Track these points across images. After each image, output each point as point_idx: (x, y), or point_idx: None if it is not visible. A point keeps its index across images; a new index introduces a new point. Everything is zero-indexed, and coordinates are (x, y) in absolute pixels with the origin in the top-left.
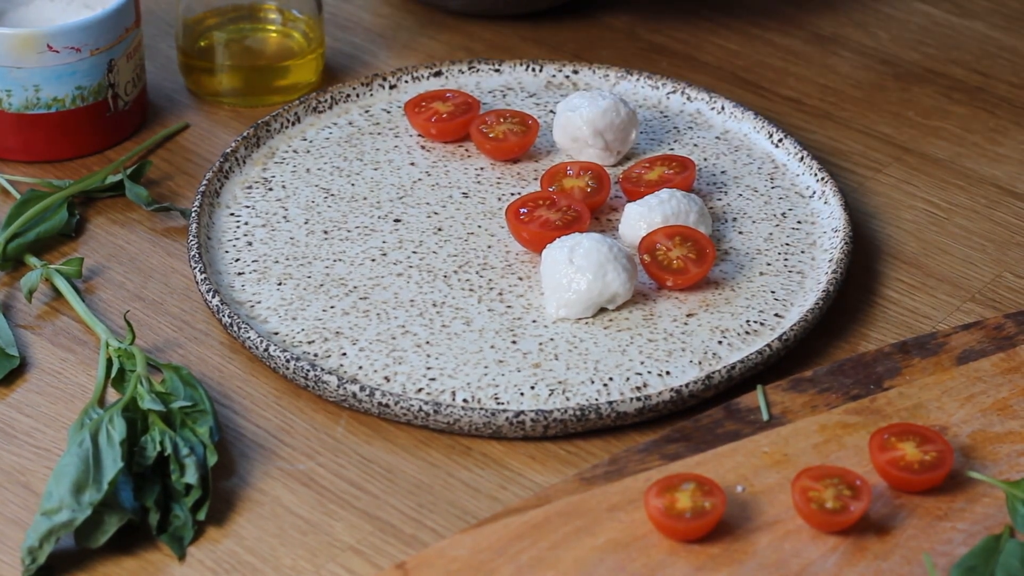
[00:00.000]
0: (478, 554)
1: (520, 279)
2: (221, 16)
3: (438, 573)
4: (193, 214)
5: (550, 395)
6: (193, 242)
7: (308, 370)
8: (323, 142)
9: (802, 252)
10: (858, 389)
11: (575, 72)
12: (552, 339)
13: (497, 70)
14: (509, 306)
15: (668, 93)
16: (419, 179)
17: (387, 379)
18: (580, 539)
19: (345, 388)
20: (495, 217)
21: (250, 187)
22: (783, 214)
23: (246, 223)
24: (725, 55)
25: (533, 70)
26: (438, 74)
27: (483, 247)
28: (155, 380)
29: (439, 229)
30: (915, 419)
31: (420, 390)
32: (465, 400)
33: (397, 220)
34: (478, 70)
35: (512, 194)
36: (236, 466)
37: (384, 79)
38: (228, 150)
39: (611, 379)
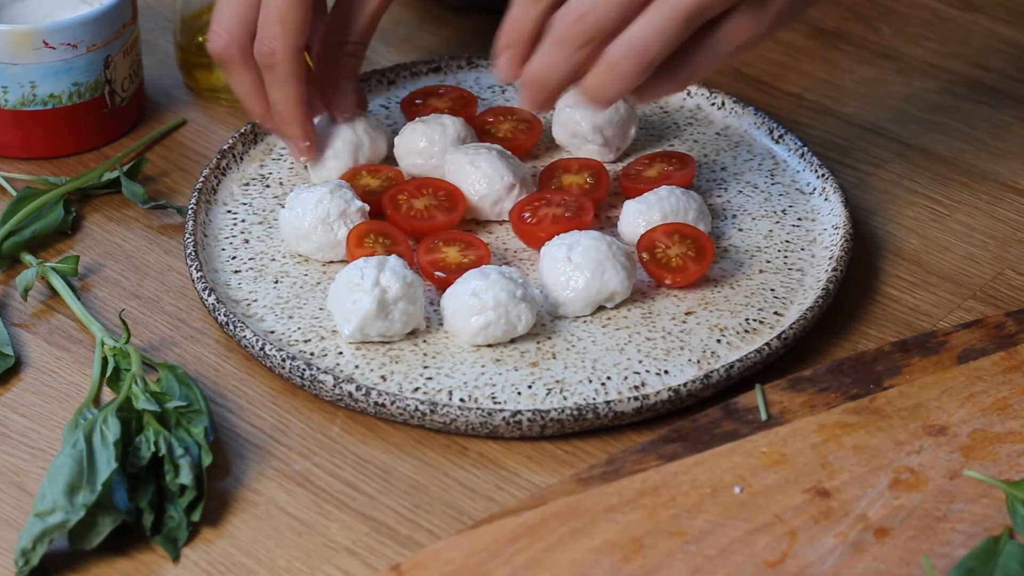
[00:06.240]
0: (473, 556)
1: None
2: None
3: (433, 575)
4: (190, 211)
5: (547, 394)
6: (189, 239)
7: (304, 369)
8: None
9: (802, 249)
10: (857, 388)
11: None
12: (550, 338)
13: None
14: None
15: None
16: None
17: (383, 378)
18: (576, 540)
19: (341, 387)
20: None
21: (247, 184)
22: (783, 211)
23: (243, 220)
24: None
25: None
26: (436, 70)
27: None
28: (150, 379)
29: None
30: (915, 418)
31: (416, 389)
32: (462, 400)
33: None
34: (477, 65)
35: None
36: (231, 466)
37: (382, 75)
38: (225, 147)
39: (609, 378)
